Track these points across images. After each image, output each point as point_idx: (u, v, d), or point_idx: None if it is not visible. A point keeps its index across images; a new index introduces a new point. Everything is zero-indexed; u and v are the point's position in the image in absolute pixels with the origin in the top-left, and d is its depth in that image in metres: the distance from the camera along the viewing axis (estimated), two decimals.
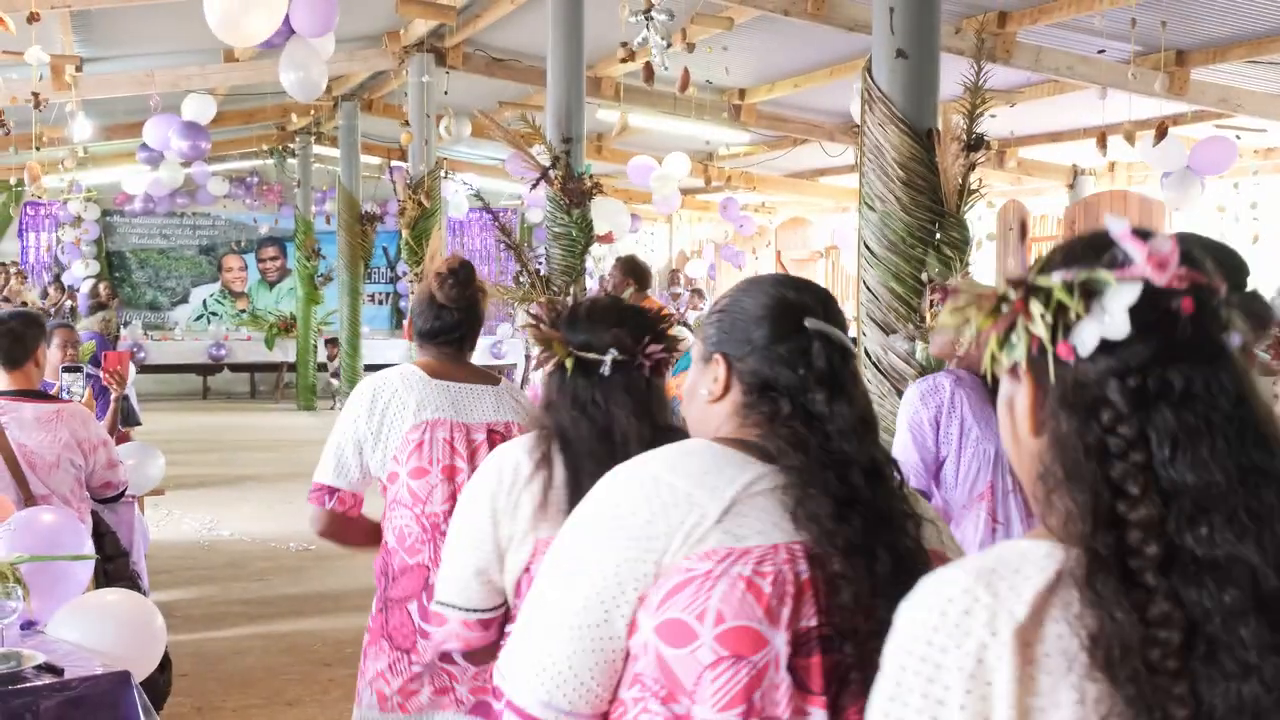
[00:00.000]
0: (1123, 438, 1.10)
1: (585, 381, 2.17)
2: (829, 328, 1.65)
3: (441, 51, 11.96)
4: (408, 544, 2.98)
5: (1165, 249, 1.12)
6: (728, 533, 1.50)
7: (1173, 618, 1.06)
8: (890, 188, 5.24)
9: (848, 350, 1.67)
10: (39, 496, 4.19)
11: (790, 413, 1.61)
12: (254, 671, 5.80)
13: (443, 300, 3.13)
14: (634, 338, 2.17)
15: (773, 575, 1.49)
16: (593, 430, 2.15)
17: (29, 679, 2.95)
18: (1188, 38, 9.18)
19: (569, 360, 2.17)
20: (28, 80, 9.44)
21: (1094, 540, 1.09)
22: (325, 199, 19.04)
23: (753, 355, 1.66)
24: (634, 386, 2.16)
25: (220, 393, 19.61)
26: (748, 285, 1.74)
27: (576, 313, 2.24)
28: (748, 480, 1.55)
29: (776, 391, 1.63)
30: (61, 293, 17.19)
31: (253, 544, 8.52)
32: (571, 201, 8.09)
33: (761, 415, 1.64)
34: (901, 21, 5.31)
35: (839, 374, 1.63)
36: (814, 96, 12.54)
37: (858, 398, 1.65)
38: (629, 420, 2.13)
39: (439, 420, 3.01)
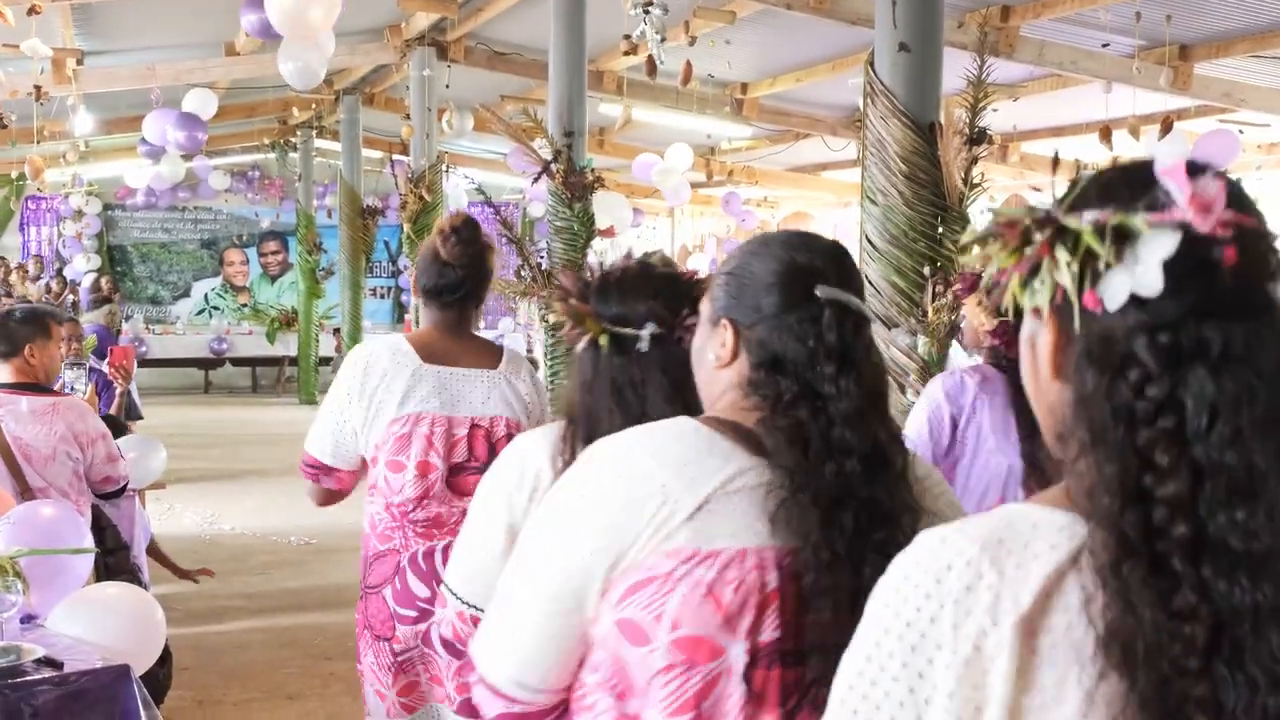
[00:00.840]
0: (1151, 400, 1.00)
1: (621, 360, 1.94)
2: (842, 294, 1.53)
3: (443, 45, 11.94)
4: (379, 530, 2.96)
5: (1211, 191, 1.01)
6: (697, 531, 1.43)
7: (1200, 612, 0.96)
8: (892, 182, 5.23)
9: (862, 318, 1.56)
10: (36, 489, 4.20)
11: (793, 398, 1.50)
12: (255, 665, 5.80)
13: (446, 258, 3.01)
14: (671, 308, 1.94)
15: (736, 583, 1.41)
16: (625, 419, 1.89)
17: (29, 673, 2.95)
18: (1192, 32, 9.16)
19: (604, 337, 1.95)
20: (28, 74, 9.43)
21: (1122, 519, 0.99)
22: (327, 193, 19.03)
23: (761, 325, 1.55)
24: (672, 364, 1.91)
25: (222, 387, 19.62)
26: (757, 246, 1.62)
27: (607, 282, 2.01)
28: (729, 475, 1.46)
29: (783, 369, 1.53)
30: (63, 287, 17.18)
31: (254, 538, 8.52)
32: (573, 196, 8.07)
33: (763, 398, 1.53)
34: (904, 15, 5.29)
35: (851, 346, 1.52)
36: (816, 91, 12.52)
37: (868, 371, 1.53)
38: (665, 407, 1.87)
39: (422, 414, 2.90)
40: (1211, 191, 1.01)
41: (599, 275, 2.03)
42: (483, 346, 3.10)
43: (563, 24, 8.42)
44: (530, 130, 8.25)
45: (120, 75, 12.13)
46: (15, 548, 3.26)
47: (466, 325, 3.08)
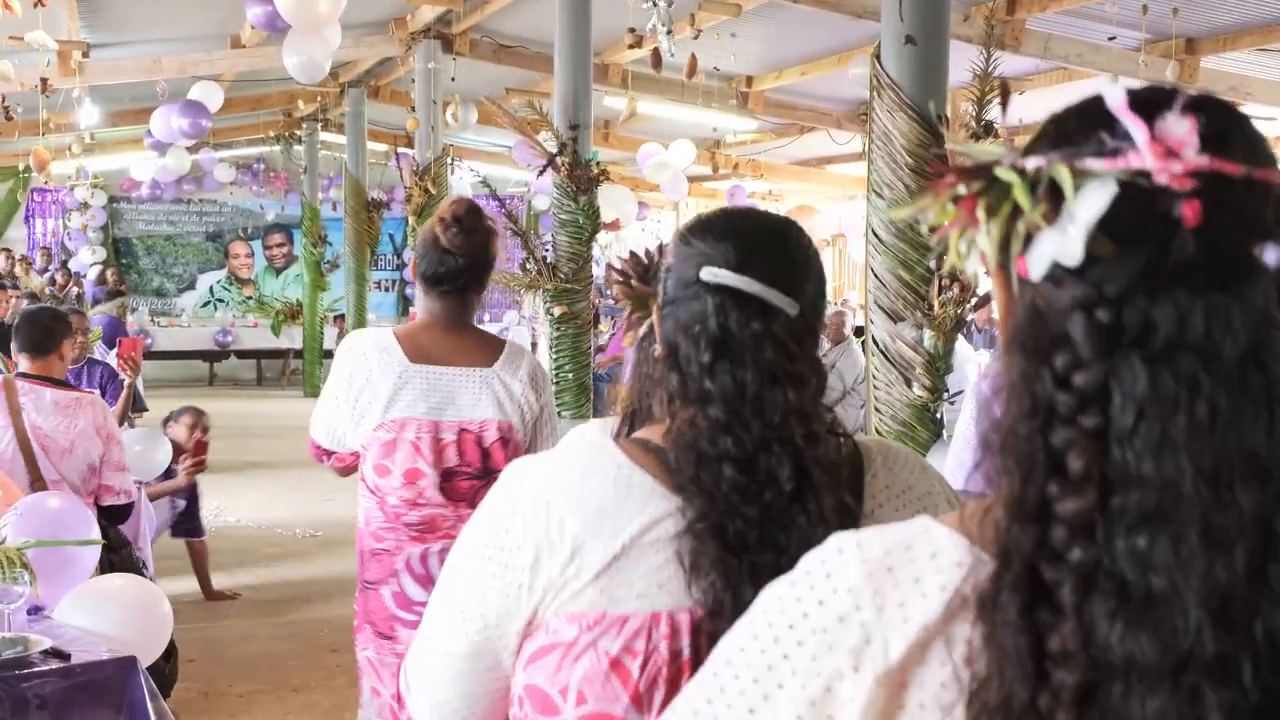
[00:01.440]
0: (1075, 392, 0.80)
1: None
2: (729, 277, 1.33)
3: (448, 38, 11.94)
4: (373, 528, 2.87)
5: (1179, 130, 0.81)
6: (604, 593, 1.27)
7: (1075, 659, 0.78)
8: (898, 175, 5.22)
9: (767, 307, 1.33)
10: (49, 482, 4.22)
11: (679, 399, 1.34)
12: (260, 657, 5.81)
13: (446, 245, 2.87)
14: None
15: (644, 655, 1.26)
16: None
17: (36, 664, 2.96)
18: (1198, 25, 9.14)
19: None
20: (34, 66, 9.44)
21: (1010, 537, 0.82)
22: (332, 186, 19.02)
23: (666, 309, 1.40)
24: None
25: (227, 379, 19.63)
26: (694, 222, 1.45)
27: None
28: (645, 524, 1.29)
29: (675, 364, 1.35)
30: (68, 279, 17.19)
31: (259, 530, 8.53)
32: (578, 188, 8.07)
33: (665, 395, 1.37)
34: (910, 8, 5.28)
35: (734, 336, 1.32)
36: (822, 84, 12.50)
37: (763, 366, 1.31)
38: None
39: (408, 420, 2.79)
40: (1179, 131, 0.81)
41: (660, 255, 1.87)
42: (480, 341, 2.98)
43: (568, 17, 8.41)
44: (535, 123, 8.25)
45: (125, 68, 12.13)
46: (22, 539, 3.27)
47: (466, 315, 2.96)
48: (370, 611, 2.89)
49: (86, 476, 4.43)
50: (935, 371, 5.13)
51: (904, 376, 5.16)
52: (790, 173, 18.16)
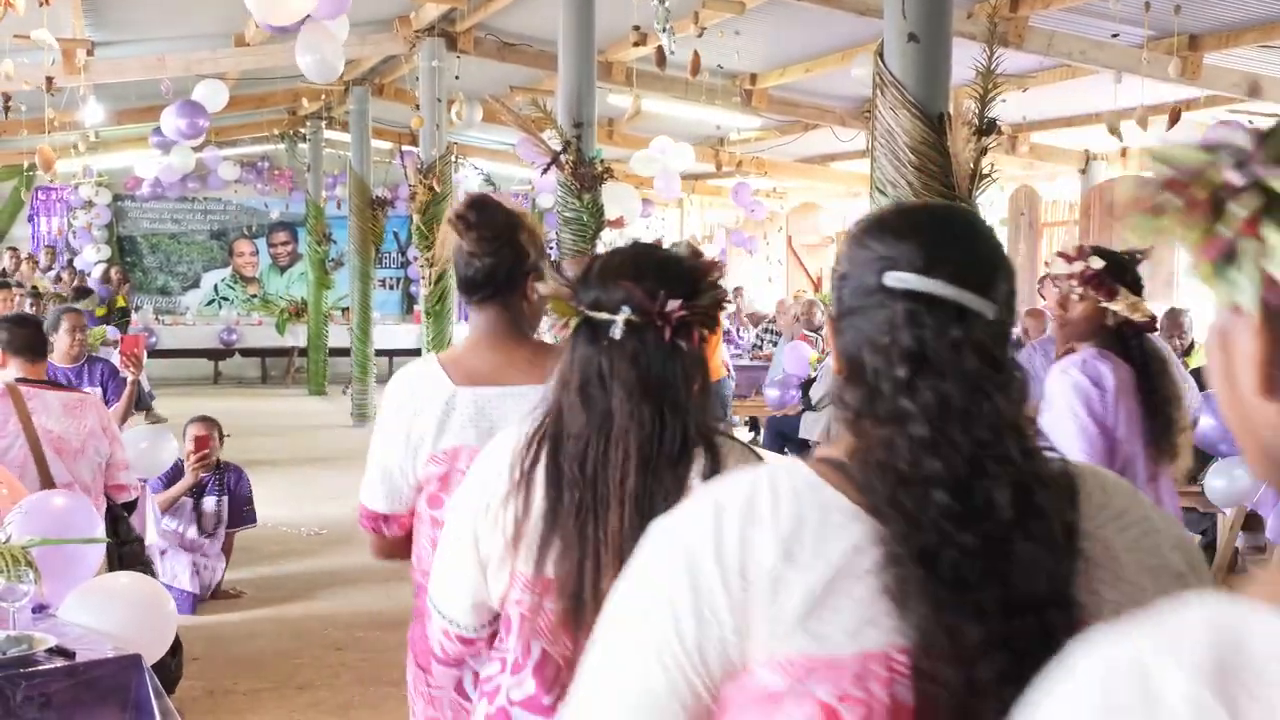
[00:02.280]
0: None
1: (592, 350, 1.72)
2: (921, 281, 1.21)
3: (452, 36, 11.93)
4: (424, 565, 2.52)
5: None
6: (811, 634, 1.12)
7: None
8: (902, 173, 5.22)
9: (962, 312, 1.21)
10: (61, 484, 4.22)
11: (870, 418, 1.21)
12: (265, 655, 5.82)
13: (468, 247, 2.56)
14: (652, 294, 1.70)
15: (863, 708, 1.10)
16: (592, 420, 1.71)
17: (41, 662, 2.97)
18: (1201, 22, 9.13)
19: (574, 321, 1.75)
20: (39, 65, 9.45)
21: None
22: (336, 184, 19.03)
23: (843, 321, 1.28)
24: (649, 357, 1.69)
25: (231, 378, 19.65)
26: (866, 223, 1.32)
27: (592, 265, 1.80)
28: (846, 549, 1.14)
29: (861, 377, 1.23)
30: (73, 277, 17.21)
31: (264, 528, 8.53)
32: (583, 186, 8.07)
33: (844, 416, 1.24)
34: (913, 6, 5.28)
35: (929, 346, 1.19)
36: (825, 81, 12.49)
37: (970, 375, 1.19)
38: (626, 404, 1.68)
39: (459, 448, 2.46)
40: None
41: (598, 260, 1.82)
42: (535, 353, 2.57)
43: (572, 15, 8.41)
44: (539, 121, 8.25)
45: (130, 66, 12.14)
46: (27, 537, 3.28)
47: (515, 323, 2.59)
48: (415, 641, 2.62)
49: (96, 476, 4.45)
50: None
51: None
52: (794, 170, 18.14)
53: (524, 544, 1.78)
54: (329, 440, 13.10)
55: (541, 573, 1.77)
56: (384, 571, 3.02)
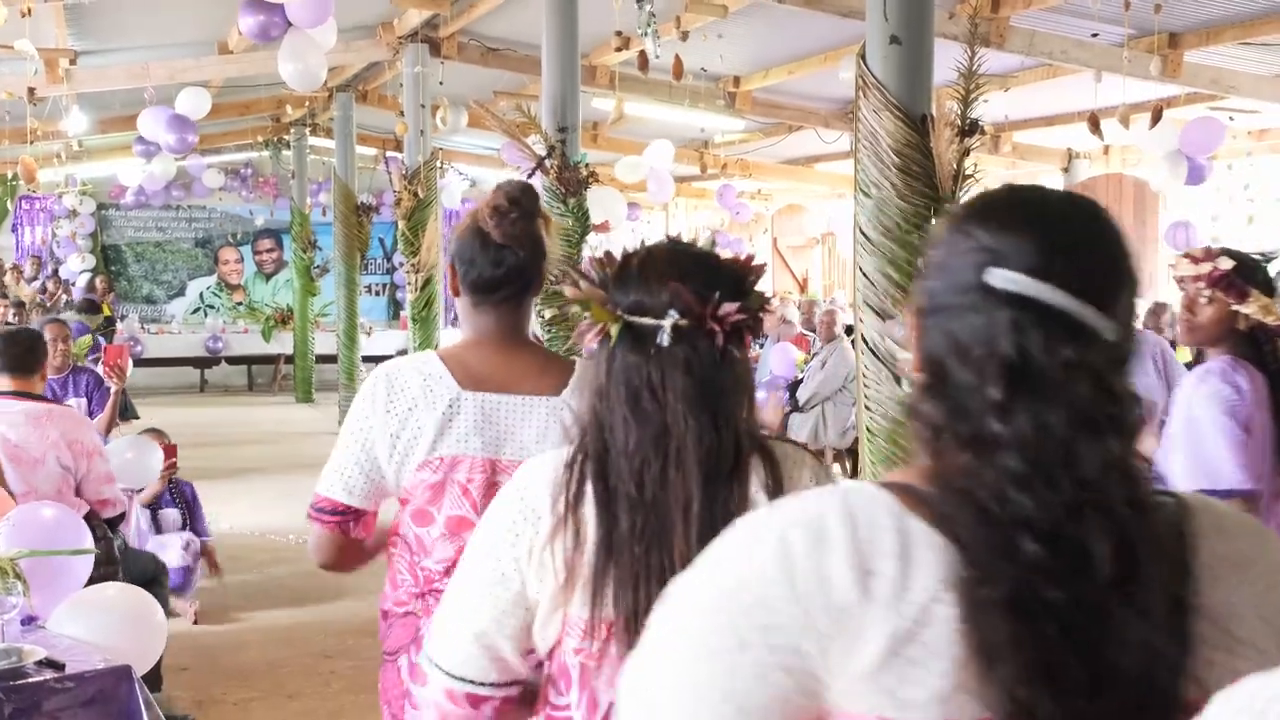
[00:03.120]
0: None
1: (638, 359, 1.55)
2: (1031, 284, 1.03)
3: (436, 42, 11.93)
4: (399, 592, 2.35)
5: None
6: (886, 692, 0.97)
7: None
8: (885, 174, 5.24)
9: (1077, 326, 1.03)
10: (19, 495, 4.21)
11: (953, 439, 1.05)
12: (255, 664, 5.81)
13: (501, 240, 2.31)
14: (701, 295, 1.56)
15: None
16: (646, 436, 1.55)
17: (30, 674, 2.97)
18: (1181, 20, 9.17)
19: (615, 327, 1.57)
20: (21, 75, 9.43)
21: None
22: (321, 190, 19.01)
23: (931, 317, 1.10)
24: (701, 363, 1.55)
25: (218, 386, 19.61)
26: (967, 209, 1.13)
27: (629, 265, 1.62)
28: (932, 587, 0.99)
29: (943, 391, 1.06)
30: (58, 286, 17.16)
31: (252, 537, 8.53)
32: (568, 191, 8.08)
33: (922, 434, 1.08)
34: (895, 7, 5.30)
35: (1036, 363, 1.02)
36: (809, 83, 12.52)
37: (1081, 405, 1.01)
38: (685, 417, 1.53)
39: (460, 457, 2.25)
40: None
41: (620, 257, 1.66)
42: (545, 362, 2.38)
43: (555, 19, 8.42)
44: (524, 126, 8.26)
45: (113, 74, 12.11)
46: (15, 549, 3.27)
47: (524, 328, 2.41)
48: (387, 687, 2.39)
49: (61, 489, 4.44)
50: None
51: (893, 374, 5.17)
52: (778, 172, 18.17)
53: (578, 583, 1.57)
54: (316, 447, 13.06)
55: (600, 613, 1.55)
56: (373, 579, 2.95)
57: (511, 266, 2.32)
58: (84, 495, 4.56)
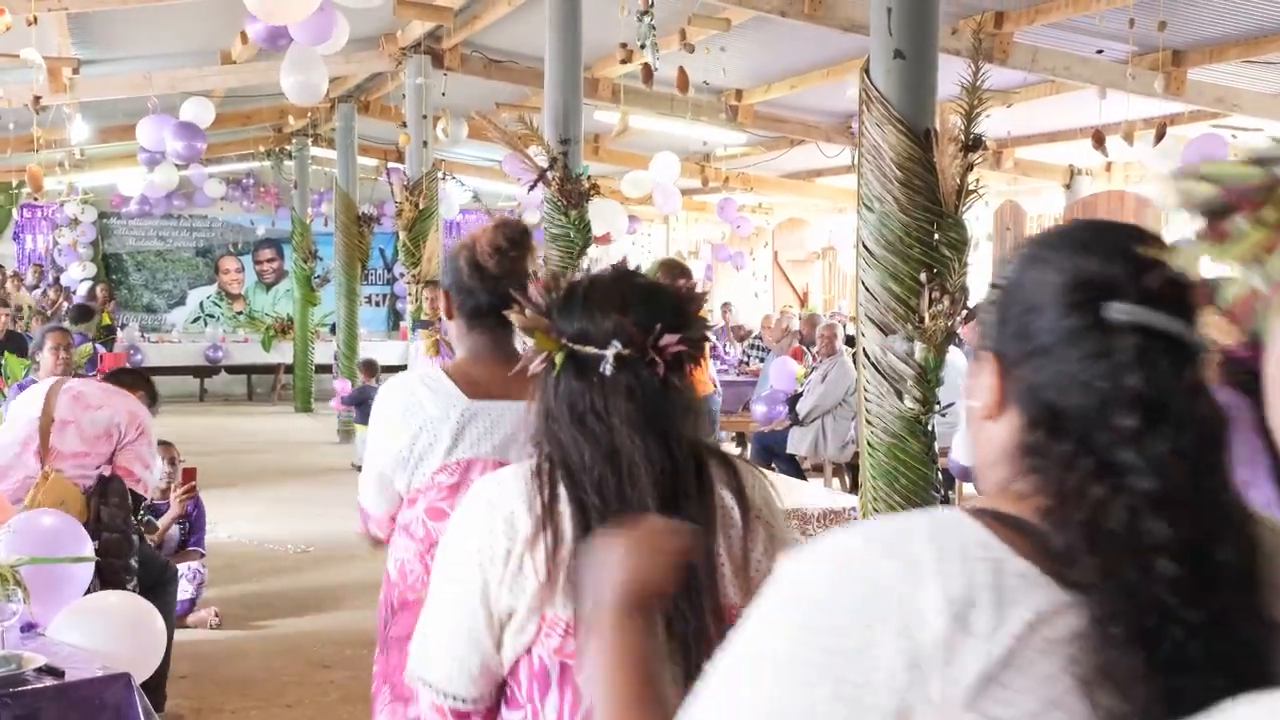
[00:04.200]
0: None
1: (581, 385, 1.66)
2: (1149, 315, 1.03)
3: (439, 53, 11.96)
4: (409, 580, 2.55)
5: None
6: (983, 715, 0.96)
7: None
8: (888, 188, 5.24)
9: (1190, 349, 1.04)
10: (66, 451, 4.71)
11: (1080, 474, 1.03)
12: (253, 673, 5.80)
13: (499, 274, 2.57)
14: (644, 326, 1.65)
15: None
16: (597, 453, 1.65)
17: (30, 681, 2.96)
18: (1185, 38, 9.19)
19: (560, 356, 1.68)
20: (25, 84, 9.44)
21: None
22: (322, 201, 19.03)
23: (1031, 361, 1.08)
24: (644, 391, 1.65)
25: (217, 395, 19.60)
26: (1038, 246, 1.14)
27: (574, 294, 1.71)
28: (1029, 619, 0.97)
29: (1063, 429, 1.05)
30: (60, 294, 17.17)
31: (251, 546, 8.52)
32: (569, 203, 8.09)
33: (1038, 473, 1.06)
34: (899, 22, 5.31)
35: (1166, 390, 1.02)
36: (811, 97, 12.54)
37: (1201, 427, 1.03)
38: (632, 438, 1.63)
39: (474, 461, 2.49)
40: None
41: (566, 284, 1.74)
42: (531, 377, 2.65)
43: (558, 31, 8.43)
44: (526, 138, 8.27)
45: (116, 84, 12.14)
46: (16, 556, 3.27)
47: (514, 344, 2.59)
48: (392, 671, 2.55)
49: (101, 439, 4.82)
50: (926, 384, 5.14)
51: (895, 389, 5.17)
52: (780, 185, 18.20)
53: (560, 584, 1.62)
54: (315, 457, 13.07)
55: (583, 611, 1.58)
56: (370, 588, 2.97)
57: (505, 296, 2.32)
58: (116, 461, 4.82)
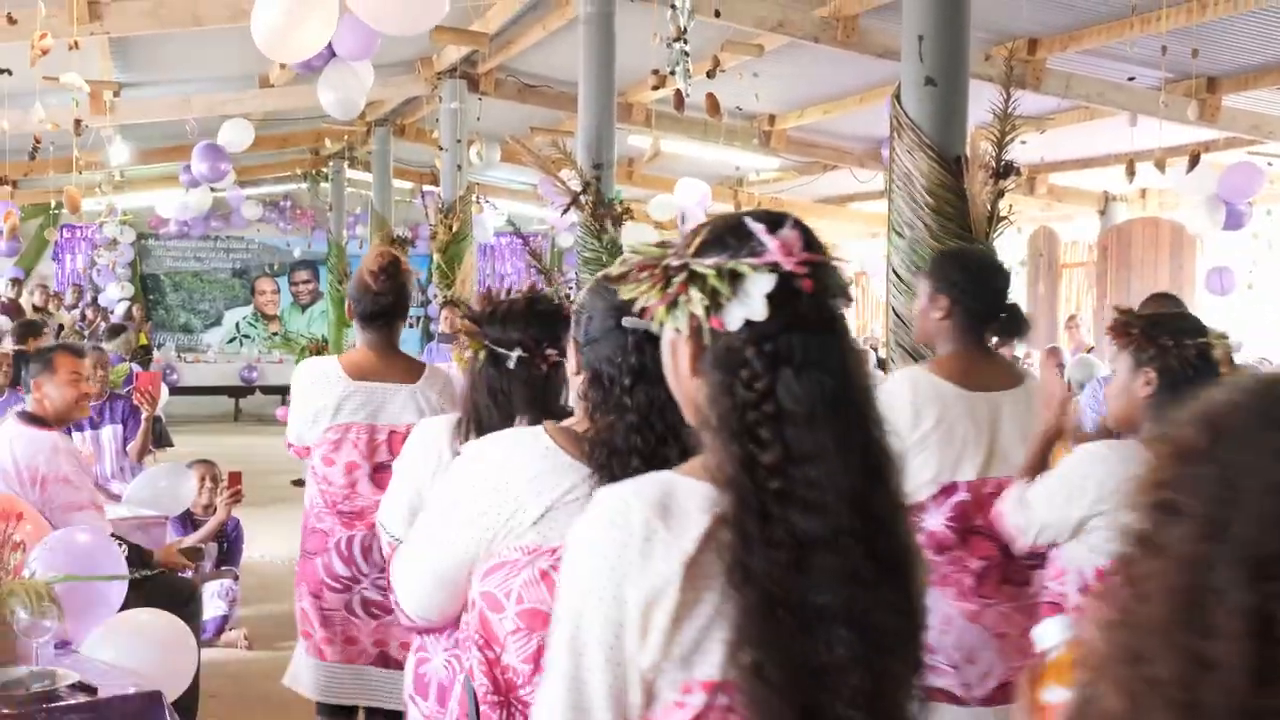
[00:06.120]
0: (757, 391, 1.35)
1: (495, 371, 2.52)
2: (638, 322, 1.56)
3: (474, 77, 12.05)
4: (314, 511, 3.72)
5: (791, 237, 1.39)
6: (541, 533, 1.90)
7: (787, 541, 1.33)
8: (919, 214, 5.25)
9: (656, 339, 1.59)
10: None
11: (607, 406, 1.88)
12: (285, 693, 5.79)
13: (377, 289, 3.69)
14: (536, 340, 2.50)
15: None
16: (499, 416, 2.46)
17: (63, 698, 3.00)
18: (1219, 64, 9.17)
19: (482, 352, 2.53)
20: (66, 106, 9.57)
21: (739, 480, 1.35)
22: (357, 223, 19.17)
23: (590, 346, 1.95)
24: (534, 379, 2.50)
25: (252, 415, 19.72)
26: (601, 282, 1.94)
27: (496, 311, 2.56)
28: (566, 487, 1.90)
29: (601, 382, 1.90)
30: (97, 314, 17.34)
31: (284, 565, 8.56)
32: (602, 227, 8.13)
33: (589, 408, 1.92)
34: (930, 49, 5.32)
35: (646, 361, 1.81)
36: (844, 122, 12.57)
37: (662, 381, 1.59)
38: (526, 409, 2.45)
39: (351, 424, 3.62)
40: (791, 238, 1.39)
41: (490, 304, 2.58)
42: (408, 364, 3.79)
43: (592, 57, 8.49)
44: (559, 162, 8.32)
45: (156, 107, 12.30)
46: (51, 573, 3.31)
47: (394, 340, 3.79)
48: (306, 574, 3.75)
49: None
50: None
51: None
52: (813, 210, 18.18)
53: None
54: None
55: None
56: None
57: (383, 305, 3.72)
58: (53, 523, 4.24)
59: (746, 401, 1.36)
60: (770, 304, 1.35)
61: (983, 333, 3.29)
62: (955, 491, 3.17)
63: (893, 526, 1.41)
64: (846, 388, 1.38)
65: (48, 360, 4.65)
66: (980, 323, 3.27)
